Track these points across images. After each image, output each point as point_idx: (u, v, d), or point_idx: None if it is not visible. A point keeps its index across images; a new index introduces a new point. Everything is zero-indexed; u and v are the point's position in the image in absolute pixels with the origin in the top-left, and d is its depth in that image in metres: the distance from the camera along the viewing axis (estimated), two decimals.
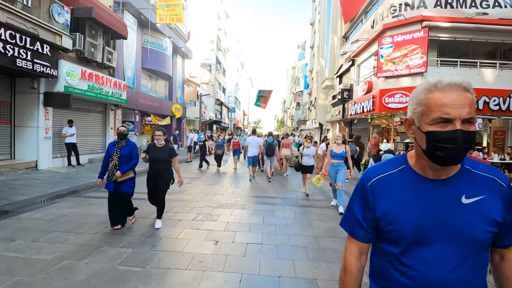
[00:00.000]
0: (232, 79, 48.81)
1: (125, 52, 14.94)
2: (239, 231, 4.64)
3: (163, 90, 20.54)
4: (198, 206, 6.05)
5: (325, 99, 26.35)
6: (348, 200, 1.27)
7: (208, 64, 32.42)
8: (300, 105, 47.36)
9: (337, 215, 5.72)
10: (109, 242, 4.03)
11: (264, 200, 6.85)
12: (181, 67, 23.02)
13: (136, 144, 4.75)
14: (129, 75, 15.40)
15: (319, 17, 30.02)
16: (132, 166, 4.54)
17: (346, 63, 18.00)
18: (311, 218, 5.50)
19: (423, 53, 10.85)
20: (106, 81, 12.33)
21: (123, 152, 4.51)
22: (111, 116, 13.97)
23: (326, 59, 24.54)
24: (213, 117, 31.31)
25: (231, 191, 7.81)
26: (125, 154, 4.50)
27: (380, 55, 12.02)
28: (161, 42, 18.02)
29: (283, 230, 4.74)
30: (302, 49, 52.43)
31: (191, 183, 8.75)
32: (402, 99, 11.15)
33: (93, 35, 11.97)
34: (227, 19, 42.39)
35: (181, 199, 6.66)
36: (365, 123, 16.53)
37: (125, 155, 4.49)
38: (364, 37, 14.51)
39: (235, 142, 12.42)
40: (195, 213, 5.53)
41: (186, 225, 4.83)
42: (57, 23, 9.92)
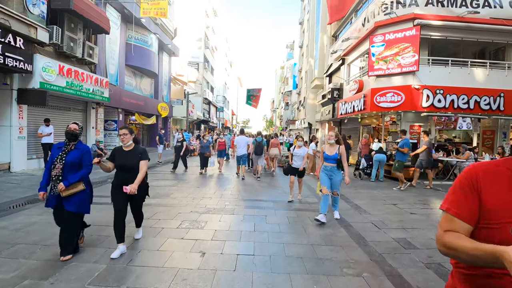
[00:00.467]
0: (221, 78, 48.20)
1: (107, 48, 14.26)
2: (229, 240, 4.22)
3: (148, 88, 19.86)
4: (183, 212, 5.59)
5: (314, 99, 26.18)
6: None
7: (195, 63, 31.77)
8: (289, 105, 47.23)
9: (333, 220, 5.37)
10: (80, 256, 3.55)
11: (255, 204, 6.45)
12: (167, 65, 22.36)
13: (89, 148, 3.76)
14: (112, 72, 14.72)
15: (308, 16, 29.84)
16: (82, 176, 3.52)
17: (336, 62, 17.81)
18: (306, 223, 5.14)
19: (415, 52, 10.70)
20: (86, 78, 11.67)
21: (70, 158, 3.50)
22: (93, 115, 13.29)
23: (316, 58, 24.35)
24: (201, 117, 30.69)
25: (220, 194, 7.38)
26: (72, 160, 3.49)
27: (371, 54, 11.82)
28: (146, 38, 17.37)
29: (276, 238, 4.36)
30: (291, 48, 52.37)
31: (176, 186, 8.26)
32: (394, 98, 10.97)
33: (73, 28, 11.29)
34: (215, 17, 41.77)
35: (165, 204, 6.19)
36: (355, 122, 16.37)
37: (72, 162, 3.49)
38: (354, 35, 14.31)
39: (221, 142, 11.33)
40: (180, 220, 5.08)
41: (170, 234, 4.38)
42: (31, 15, 9.25)
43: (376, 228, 5.01)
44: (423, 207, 6.66)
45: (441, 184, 9.78)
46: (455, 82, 10.97)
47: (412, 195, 7.90)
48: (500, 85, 11.05)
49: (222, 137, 11.64)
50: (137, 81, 18.26)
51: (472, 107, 10.82)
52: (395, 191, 8.38)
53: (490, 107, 10.91)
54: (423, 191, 8.53)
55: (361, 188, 8.77)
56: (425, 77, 10.91)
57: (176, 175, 10.39)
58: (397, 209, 6.39)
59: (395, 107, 11.00)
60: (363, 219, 5.56)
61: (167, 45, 20.32)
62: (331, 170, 5.36)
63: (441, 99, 10.70)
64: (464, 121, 12.14)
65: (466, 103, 10.81)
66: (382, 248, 4.11)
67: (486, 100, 10.87)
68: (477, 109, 10.87)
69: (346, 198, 7.27)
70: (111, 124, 15.36)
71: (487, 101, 10.89)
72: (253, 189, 8.25)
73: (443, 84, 10.84)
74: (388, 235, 4.70)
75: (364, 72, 13.82)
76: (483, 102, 10.86)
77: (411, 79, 11.00)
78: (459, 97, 10.77)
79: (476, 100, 10.83)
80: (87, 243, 3.93)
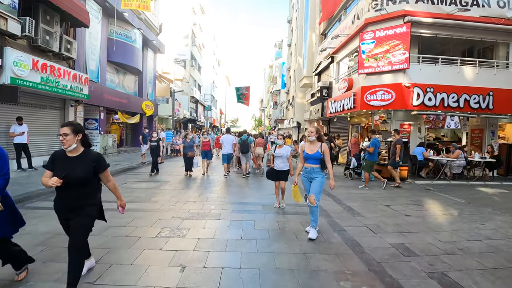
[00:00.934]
0: (208, 77, 47.50)
1: (87, 42, 13.55)
2: (213, 250, 3.81)
3: (132, 86, 19.14)
4: (164, 218, 5.14)
5: (303, 98, 25.99)
6: None
7: (182, 60, 31.05)
8: (278, 104, 46.98)
9: (326, 225, 5.03)
10: (41, 272, 3.08)
11: (243, 207, 6.05)
12: (152, 62, 21.66)
13: (6, 153, 2.76)
14: (92, 68, 14.00)
15: (297, 14, 29.61)
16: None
17: (325, 60, 17.58)
18: (297, 229, 4.78)
19: (406, 49, 10.52)
20: (63, 74, 10.99)
21: None
22: (71, 114, 12.58)
23: (304, 56, 24.12)
24: (187, 115, 30.03)
25: (205, 197, 6.94)
26: None
27: (361, 51, 11.59)
28: (129, 34, 16.68)
29: (265, 247, 3.97)
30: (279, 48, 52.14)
31: (159, 188, 7.77)
32: (384, 96, 10.76)
33: (48, 21, 10.58)
34: (203, 14, 41.06)
35: (144, 209, 5.71)
36: (344, 121, 16.18)
37: None
38: (344, 33, 14.08)
39: (205, 142, 10.43)
40: (160, 227, 4.63)
41: (147, 244, 3.93)
42: (1, 4, 8.54)
43: (372, 233, 4.70)
44: (417, 208, 6.41)
45: (431, 183, 9.62)
46: (445, 80, 10.85)
47: (404, 196, 7.68)
48: (489, 83, 11.02)
49: (206, 136, 10.68)
50: (120, 78, 17.53)
51: (462, 105, 10.73)
52: (386, 191, 8.14)
53: (479, 106, 10.85)
54: (415, 192, 8.33)
55: (352, 189, 8.50)
56: (415, 75, 10.75)
57: (160, 177, 9.87)
58: (391, 211, 6.12)
59: (385, 106, 10.80)
60: (357, 222, 5.25)
61: (152, 41, 19.63)
62: (312, 172, 4.50)
63: (431, 98, 10.56)
64: (452, 120, 12.10)
65: (456, 101, 10.71)
66: (380, 256, 3.79)
67: (475, 98, 10.80)
68: (466, 108, 10.79)
69: (338, 200, 6.97)
70: (92, 123, 14.64)
71: (477, 99, 10.82)
72: (241, 191, 7.85)
73: (433, 82, 10.71)
74: (384, 240, 4.39)
75: (354, 70, 13.61)
76: (472, 101, 10.79)
77: (402, 77, 10.83)
78: (449, 95, 10.66)
79: (466, 99, 10.74)
80: (48, 257, 3.45)
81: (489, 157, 10.42)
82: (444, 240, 4.48)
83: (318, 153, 4.45)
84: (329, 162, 4.51)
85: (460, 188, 9.01)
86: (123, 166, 11.69)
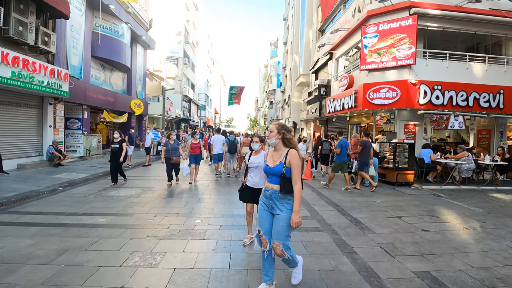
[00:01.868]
0: (202, 76, 46.49)
1: (69, 36, 12.57)
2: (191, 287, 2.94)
3: (120, 83, 18.13)
4: (137, 237, 4.25)
5: (299, 97, 25.21)
6: None
7: (175, 58, 30.01)
8: (273, 104, 46.18)
9: (333, 246, 4.20)
10: None
11: (234, 221, 5.18)
12: (142, 58, 20.67)
13: None
14: (74, 64, 13.02)
15: (293, 11, 28.81)
16: None
17: (323, 57, 16.78)
18: (298, 251, 3.92)
19: (412, 43, 9.75)
20: (39, 68, 10.04)
21: None
22: (50, 112, 11.60)
23: (301, 54, 23.31)
24: (180, 115, 29.03)
25: (191, 207, 6.04)
26: None
27: (363, 45, 10.80)
28: (116, 28, 15.69)
29: (260, 280, 3.11)
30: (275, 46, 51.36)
31: (139, 197, 6.86)
32: (388, 94, 9.98)
33: (22, 10, 9.63)
34: (196, 12, 40.06)
35: (115, 224, 4.81)
36: (343, 121, 15.41)
37: None
38: (344, 27, 13.28)
39: (194, 144, 8.81)
40: (129, 251, 3.74)
41: (106, 279, 3.04)
42: None
43: (388, 256, 3.87)
44: (433, 220, 5.61)
45: (441, 189, 8.86)
46: (453, 77, 10.12)
47: (414, 204, 6.88)
48: (499, 81, 10.31)
49: (197, 137, 9.23)
50: (106, 75, 16.53)
51: (471, 104, 10.00)
52: (394, 198, 7.35)
53: (489, 105, 10.13)
54: (425, 199, 7.55)
55: (356, 196, 7.69)
56: (422, 71, 9.99)
57: (143, 182, 8.96)
58: (405, 224, 5.31)
59: (390, 104, 10.02)
60: (368, 240, 4.42)
61: (141, 36, 18.64)
62: (274, 197, 2.79)
63: (439, 96, 9.80)
64: (456, 120, 11.35)
65: (465, 100, 9.97)
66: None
67: (485, 97, 10.08)
68: (476, 107, 10.06)
69: (342, 210, 6.14)
70: (74, 122, 13.65)
71: (487, 98, 10.10)
72: (232, 199, 6.97)
73: (440, 79, 9.97)
74: (405, 266, 3.57)
75: (355, 66, 12.82)
76: (482, 99, 10.06)
77: (407, 73, 10.06)
78: (458, 93, 9.92)
79: (475, 97, 10.01)
80: None
81: (500, 160, 9.70)
82: (476, 265, 3.68)
83: (281, 166, 2.75)
84: (298, 181, 2.68)
85: (472, 194, 8.26)
86: (106, 169, 10.73)
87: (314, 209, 6.14)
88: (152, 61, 26.71)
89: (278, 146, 2.88)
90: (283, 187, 2.70)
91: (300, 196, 2.67)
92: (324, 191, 8.10)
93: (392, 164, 9.43)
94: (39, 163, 10.81)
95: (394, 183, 9.17)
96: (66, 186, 8.02)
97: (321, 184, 9.20)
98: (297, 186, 2.66)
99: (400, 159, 9.48)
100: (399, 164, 9.41)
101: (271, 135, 2.89)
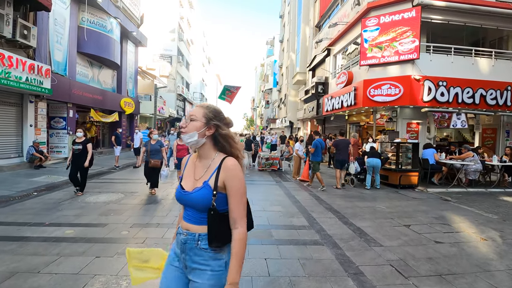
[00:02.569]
0: (198, 74, 45.75)
1: (52, 30, 11.84)
2: None
3: (109, 81, 17.39)
4: (103, 255, 3.55)
5: (296, 96, 24.64)
6: None
7: (168, 55, 29.26)
8: (270, 103, 45.58)
9: (335, 264, 3.57)
10: None
11: None
12: (133, 56, 19.92)
13: None
14: (58, 60, 12.30)
15: (289, 8, 28.21)
16: None
17: (321, 53, 16.18)
18: (295, 272, 3.31)
19: (415, 36, 9.17)
20: (16, 63, 9.34)
21: None
22: (31, 111, 10.87)
23: (297, 52, 22.72)
24: (174, 114, 28.29)
25: (174, 216, 5.36)
26: None
27: (363, 39, 10.20)
28: (104, 23, 14.96)
29: None
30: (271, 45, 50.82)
31: (119, 203, 6.19)
32: (390, 91, 9.40)
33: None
34: (191, 9, 39.32)
35: (83, 237, 4.14)
36: (341, 120, 14.83)
37: None
38: (343, 21, 12.68)
39: (181, 146, 7.59)
40: (90, 275, 3.05)
41: None
42: None
43: (401, 277, 3.26)
44: (445, 229, 5.02)
45: (447, 192, 8.29)
46: (459, 73, 9.56)
47: (422, 210, 6.29)
48: (507, 77, 9.79)
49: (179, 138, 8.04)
50: (94, 72, 15.78)
51: (478, 101, 9.45)
52: (398, 203, 6.76)
53: (496, 102, 9.59)
54: (432, 203, 6.97)
55: (357, 200, 7.09)
56: (425, 66, 9.42)
57: (126, 186, 8.30)
58: (414, 234, 4.70)
59: (392, 102, 9.44)
60: (376, 256, 3.81)
61: (131, 32, 17.91)
62: (190, 247, 1.44)
63: (444, 92, 9.24)
64: (459, 119, 10.78)
65: (471, 97, 9.42)
66: None
67: (492, 94, 9.53)
68: (482, 104, 9.52)
69: (342, 217, 5.53)
70: (59, 121, 12.93)
71: (494, 95, 9.56)
72: None
73: (445, 75, 9.40)
74: None
75: (354, 62, 12.22)
76: (489, 96, 9.51)
77: (410, 68, 9.49)
78: (464, 90, 9.37)
79: (482, 94, 9.46)
80: None
81: (509, 160, 9.15)
82: (506, 287, 3.09)
83: (205, 191, 1.41)
84: (241, 220, 1.39)
85: (481, 198, 7.69)
86: (91, 171, 9.99)
87: (312, 217, 5.52)
88: (145, 59, 25.96)
89: (205, 149, 1.51)
90: (212, 233, 1.39)
91: (243, 252, 1.34)
92: (322, 195, 7.48)
93: (394, 166, 8.84)
94: (18, 165, 10.10)
95: (397, 185, 8.59)
96: (42, 190, 7.33)
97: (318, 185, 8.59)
98: (239, 231, 1.37)
99: (403, 160, 8.91)
100: (402, 165, 8.83)
101: (189, 127, 1.48)
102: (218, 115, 1.53)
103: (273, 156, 12.19)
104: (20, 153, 10.68)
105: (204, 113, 1.50)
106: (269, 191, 7.92)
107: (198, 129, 1.46)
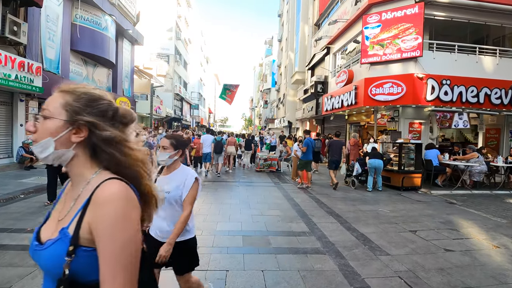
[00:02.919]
0: (196, 74, 45.37)
1: (44, 26, 11.49)
2: None
3: (104, 80, 17.04)
4: None
5: (295, 95, 24.35)
6: None
7: (165, 54, 28.89)
8: (268, 103, 45.27)
9: (338, 275, 3.27)
10: None
11: (214, 241, 4.24)
12: (129, 54, 19.57)
13: None
14: (51, 57, 11.96)
15: (288, 7, 27.92)
16: None
17: (320, 52, 15.89)
18: (294, 286, 3.00)
19: (418, 33, 8.88)
20: (5, 60, 8.99)
21: None
22: (21, 110, 10.53)
23: (296, 51, 22.44)
24: (171, 114, 27.92)
25: None
26: None
27: (364, 37, 9.91)
28: (99, 20, 14.61)
29: None
30: (270, 45, 50.54)
31: None
32: (393, 90, 9.11)
33: None
34: (189, 8, 38.96)
35: None
36: (341, 120, 14.53)
37: None
38: (343, 18, 12.39)
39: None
40: None
41: None
42: None
43: None
44: (454, 235, 4.72)
45: (451, 194, 8.01)
46: (462, 71, 9.29)
47: (427, 214, 6.00)
48: (511, 75, 9.49)
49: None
50: (89, 70, 15.44)
51: (482, 101, 9.18)
52: (402, 206, 6.47)
53: (501, 102, 9.33)
54: (437, 206, 6.68)
55: (360, 203, 6.79)
56: (429, 64, 9.14)
57: None
58: (422, 241, 4.41)
59: (394, 101, 9.15)
60: (382, 267, 3.50)
61: (127, 30, 17.56)
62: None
63: (447, 91, 8.96)
64: (461, 119, 10.49)
65: (476, 96, 9.14)
66: None
67: (497, 93, 9.26)
68: (487, 104, 9.24)
69: (345, 222, 5.22)
70: None
71: (498, 94, 9.29)
72: (214, 212, 6.03)
73: (449, 73, 9.12)
74: None
75: (354, 60, 11.93)
76: (494, 96, 9.25)
77: (413, 66, 9.21)
78: (468, 89, 9.09)
79: (486, 93, 9.19)
80: None
81: None
82: None
83: (61, 246, 0.78)
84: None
85: (487, 200, 7.42)
86: None
87: (312, 222, 5.22)
88: (142, 58, 25.60)
89: (75, 167, 0.87)
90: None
91: None
92: (323, 198, 7.18)
93: (397, 167, 8.55)
94: (8, 166, 9.76)
95: (399, 187, 8.30)
96: (29, 192, 7.00)
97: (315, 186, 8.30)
98: None
99: (406, 161, 8.62)
100: (404, 166, 8.54)
101: (40, 131, 0.85)
102: (93, 104, 0.87)
103: (272, 156, 11.90)
104: (10, 154, 10.34)
105: (64, 103, 0.84)
106: (267, 194, 7.61)
107: (54, 133, 0.82)
